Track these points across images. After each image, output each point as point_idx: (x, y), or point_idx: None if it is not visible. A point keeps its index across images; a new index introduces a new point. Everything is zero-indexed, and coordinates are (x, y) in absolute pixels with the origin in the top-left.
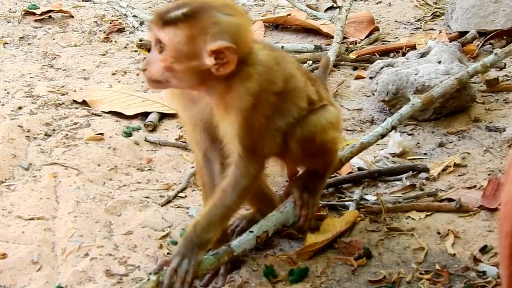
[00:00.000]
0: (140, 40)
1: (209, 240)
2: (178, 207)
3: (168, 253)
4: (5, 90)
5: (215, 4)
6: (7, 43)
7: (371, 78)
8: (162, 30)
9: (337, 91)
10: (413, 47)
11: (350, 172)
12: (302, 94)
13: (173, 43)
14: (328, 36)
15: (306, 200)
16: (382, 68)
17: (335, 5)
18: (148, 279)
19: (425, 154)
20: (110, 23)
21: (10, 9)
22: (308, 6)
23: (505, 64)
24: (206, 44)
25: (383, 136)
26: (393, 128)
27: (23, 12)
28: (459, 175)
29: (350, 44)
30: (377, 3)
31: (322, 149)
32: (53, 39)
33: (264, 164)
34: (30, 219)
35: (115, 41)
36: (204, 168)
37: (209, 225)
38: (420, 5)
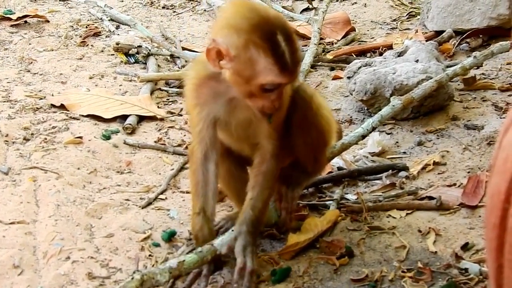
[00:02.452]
0: (117, 44)
1: (263, 221)
2: (158, 209)
3: (149, 255)
4: None
5: (276, 13)
6: None
7: (348, 78)
8: (298, 71)
9: None
10: (389, 47)
11: (330, 172)
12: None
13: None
14: (305, 37)
15: (285, 193)
16: (359, 67)
17: (310, 6)
18: (132, 278)
19: (404, 153)
20: (86, 27)
21: None
22: (284, 7)
23: (482, 62)
24: None
25: (363, 137)
26: (374, 129)
27: None
28: (438, 173)
29: (327, 44)
30: (353, 4)
31: (318, 124)
32: (30, 44)
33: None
34: (10, 223)
35: (92, 45)
36: (202, 167)
37: (263, 206)
38: (396, 5)
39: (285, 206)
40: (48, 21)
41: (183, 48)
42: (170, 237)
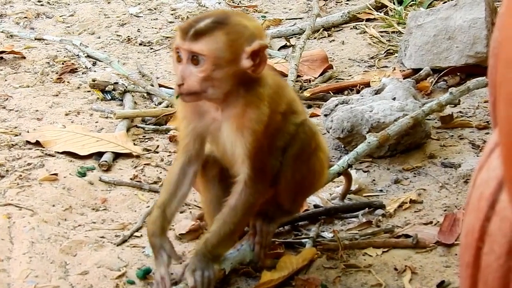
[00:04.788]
0: (93, 80)
1: (220, 255)
2: (133, 246)
3: None
4: None
5: (234, 13)
6: None
7: (325, 115)
8: (198, 42)
9: None
10: (367, 85)
11: (306, 210)
12: (301, 117)
13: (213, 51)
14: (282, 74)
15: (259, 227)
16: (336, 105)
17: (288, 43)
18: None
19: (381, 190)
20: (63, 63)
21: None
22: None
23: (459, 100)
24: (244, 47)
25: (339, 174)
26: (349, 166)
27: None
28: (415, 211)
29: (304, 82)
30: (330, 41)
31: (312, 163)
32: (5, 80)
33: (269, 181)
34: None
35: (68, 82)
36: (181, 170)
37: (219, 242)
38: (374, 42)
39: (258, 241)
40: (24, 57)
41: (160, 85)
42: (145, 274)
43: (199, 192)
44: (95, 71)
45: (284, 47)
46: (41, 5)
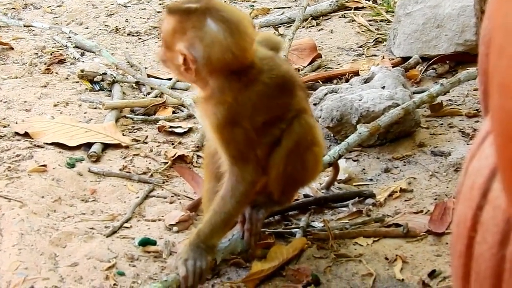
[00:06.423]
0: (82, 71)
1: (214, 245)
2: (123, 237)
3: (114, 284)
4: None
5: (217, 13)
6: None
7: (315, 104)
8: (166, 17)
9: None
10: (356, 74)
11: (297, 199)
12: (295, 112)
13: (163, 29)
14: None
15: (249, 215)
16: (326, 94)
17: (276, 33)
18: None
19: (371, 180)
20: (51, 54)
21: None
22: None
23: (449, 89)
24: (179, 43)
25: (330, 164)
26: (340, 156)
27: None
28: (405, 200)
29: None
30: (319, 30)
31: (305, 158)
32: None
33: (259, 167)
34: None
35: (56, 73)
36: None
37: (212, 232)
38: (362, 31)
39: (248, 228)
40: (13, 48)
41: (148, 75)
42: (145, 243)
43: (188, 182)
44: (83, 61)
45: None
46: None
